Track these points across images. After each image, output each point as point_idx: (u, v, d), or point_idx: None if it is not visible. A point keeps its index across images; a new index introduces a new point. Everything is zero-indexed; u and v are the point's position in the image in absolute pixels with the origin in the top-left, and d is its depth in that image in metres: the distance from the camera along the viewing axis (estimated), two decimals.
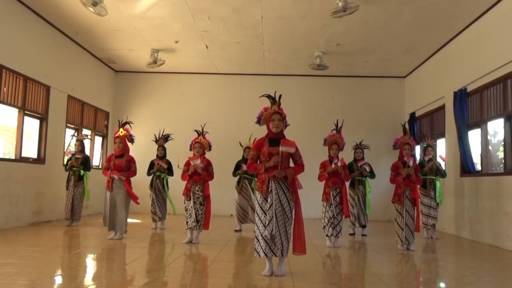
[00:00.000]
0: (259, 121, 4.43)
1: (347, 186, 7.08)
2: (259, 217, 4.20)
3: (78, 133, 8.71)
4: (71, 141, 8.75)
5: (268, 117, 4.37)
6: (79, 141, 8.24)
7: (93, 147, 10.63)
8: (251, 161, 4.36)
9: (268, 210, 4.15)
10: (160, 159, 7.97)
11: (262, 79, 11.58)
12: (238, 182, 7.84)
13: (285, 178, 4.24)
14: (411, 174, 6.02)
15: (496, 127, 7.75)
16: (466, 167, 7.77)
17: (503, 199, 6.56)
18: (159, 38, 9.09)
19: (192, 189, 6.11)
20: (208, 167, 6.19)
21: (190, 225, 6.08)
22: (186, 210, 6.15)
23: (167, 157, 8.11)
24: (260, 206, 4.22)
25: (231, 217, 7.90)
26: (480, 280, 4.33)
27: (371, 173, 7.77)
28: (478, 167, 7.73)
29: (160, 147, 8.06)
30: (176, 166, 8.31)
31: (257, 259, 5.05)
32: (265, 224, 4.13)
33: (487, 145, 7.60)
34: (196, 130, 6.40)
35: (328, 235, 6.28)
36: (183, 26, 8.38)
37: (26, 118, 7.88)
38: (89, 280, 3.98)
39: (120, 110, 11.63)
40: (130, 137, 6.58)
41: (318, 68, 9.80)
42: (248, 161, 4.42)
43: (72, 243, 6.27)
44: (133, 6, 7.51)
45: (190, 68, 11.26)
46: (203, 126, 6.42)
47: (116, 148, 6.44)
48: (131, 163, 6.46)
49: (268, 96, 4.49)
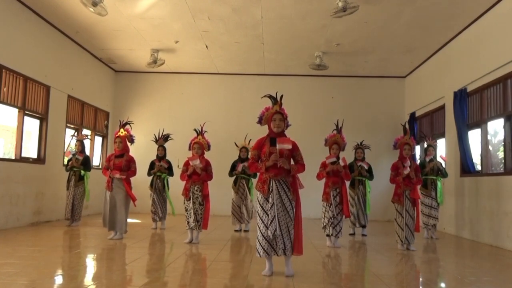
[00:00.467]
0: (260, 121, 4.44)
1: (348, 186, 7.10)
2: (260, 217, 4.20)
3: (78, 133, 8.71)
4: (71, 141, 8.75)
5: (269, 117, 4.37)
6: (79, 141, 8.24)
7: (93, 147, 10.63)
8: (252, 161, 4.36)
9: (269, 210, 4.15)
10: (160, 160, 7.97)
11: (262, 79, 11.58)
12: (235, 182, 7.84)
13: (286, 177, 4.24)
14: (412, 177, 6.02)
15: (496, 127, 7.75)
16: (466, 167, 7.77)
17: (503, 199, 6.56)
18: (159, 38, 9.09)
19: (191, 189, 6.11)
20: (207, 167, 6.20)
21: (191, 225, 6.09)
22: (186, 210, 6.16)
23: (167, 157, 8.12)
24: (261, 206, 4.22)
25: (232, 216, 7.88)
26: (480, 280, 4.33)
27: (370, 173, 7.77)
28: (478, 167, 7.73)
29: (160, 147, 8.06)
30: (176, 166, 8.31)
31: (257, 259, 5.05)
32: (266, 224, 4.13)
33: (487, 145, 7.60)
34: (195, 129, 6.40)
35: (328, 235, 6.28)
36: (183, 26, 8.38)
37: (26, 118, 7.88)
38: (89, 280, 3.98)
39: (120, 110, 11.63)
40: (130, 137, 6.58)
41: (318, 68, 9.80)
42: (249, 161, 4.43)
43: (72, 243, 6.27)
44: (133, 6, 7.51)
45: (190, 68, 11.26)
46: (202, 126, 6.42)
47: (116, 148, 6.44)
48: (131, 163, 6.46)
49: (270, 96, 4.49)
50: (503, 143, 6.95)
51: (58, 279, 3.92)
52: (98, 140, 11.20)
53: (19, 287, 3.49)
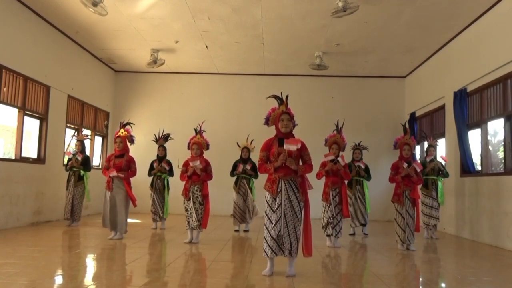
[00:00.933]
0: (267, 122, 4.42)
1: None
2: (268, 217, 4.20)
3: (79, 133, 8.71)
4: (71, 141, 8.75)
5: (276, 118, 4.36)
6: (79, 141, 8.24)
7: (93, 147, 10.63)
8: (261, 162, 4.34)
9: (276, 209, 4.15)
10: (160, 160, 7.97)
11: (262, 79, 11.59)
12: (236, 182, 7.84)
13: (295, 177, 4.23)
14: (412, 175, 6.01)
15: (496, 127, 7.75)
16: (466, 167, 7.77)
17: (503, 199, 6.56)
18: (159, 38, 9.09)
19: (191, 189, 6.12)
20: (207, 168, 6.20)
21: (192, 225, 6.09)
22: (187, 210, 6.16)
23: (167, 157, 8.12)
24: (269, 206, 4.22)
25: (232, 217, 7.88)
26: (480, 280, 4.33)
27: (367, 173, 7.77)
28: (478, 167, 7.73)
29: (161, 147, 8.07)
30: (176, 166, 8.31)
31: (257, 259, 5.06)
32: (273, 223, 4.13)
33: (487, 145, 7.60)
34: (194, 129, 6.40)
35: (328, 235, 6.28)
36: (183, 26, 8.38)
37: (26, 118, 7.88)
38: (89, 280, 3.98)
39: (120, 110, 11.63)
40: (131, 138, 6.59)
41: (318, 68, 9.80)
42: (258, 162, 4.39)
43: (72, 243, 6.27)
44: (133, 6, 7.51)
45: (190, 68, 11.26)
46: (201, 125, 6.42)
47: (117, 148, 6.44)
48: (131, 163, 6.47)
49: (276, 97, 4.47)
50: (503, 143, 6.95)
51: (58, 279, 3.92)
52: (98, 140, 11.20)
53: (19, 287, 3.49)
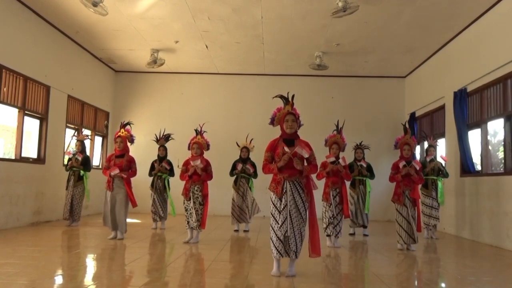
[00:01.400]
0: (272, 122, 4.41)
1: (348, 185, 7.09)
2: (274, 218, 4.19)
3: (79, 133, 8.70)
4: (71, 141, 8.75)
5: (281, 118, 4.34)
6: (79, 141, 8.23)
7: (93, 147, 10.63)
8: (265, 162, 4.33)
9: (282, 210, 4.14)
10: (160, 161, 7.97)
11: (262, 79, 11.59)
12: (236, 182, 7.85)
13: (300, 178, 4.23)
14: (412, 174, 6.00)
15: (496, 127, 7.75)
16: (466, 167, 7.77)
17: (503, 199, 6.56)
18: (159, 38, 9.09)
19: (191, 189, 6.12)
20: (207, 168, 6.20)
21: (192, 224, 6.10)
22: (186, 210, 6.17)
23: (168, 157, 8.12)
24: (275, 206, 4.21)
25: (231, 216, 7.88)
26: (480, 280, 4.33)
27: (371, 173, 7.77)
28: (478, 167, 7.72)
29: (161, 147, 8.07)
30: (176, 166, 8.32)
31: (257, 259, 5.07)
32: (279, 223, 4.12)
33: (487, 145, 7.59)
34: (195, 130, 6.41)
35: (328, 235, 6.28)
36: (183, 26, 8.38)
37: (26, 118, 7.88)
38: (89, 280, 3.98)
39: (120, 110, 11.63)
40: (131, 137, 6.59)
41: (318, 68, 9.80)
42: (263, 163, 4.37)
43: (72, 243, 6.27)
44: (133, 6, 7.51)
45: (190, 68, 11.26)
46: (202, 126, 6.42)
47: (117, 147, 6.44)
48: (131, 163, 6.47)
49: (281, 97, 4.46)
50: (503, 143, 6.95)
51: (58, 279, 3.92)
52: (98, 140, 11.20)
53: (19, 287, 3.49)
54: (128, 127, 6.66)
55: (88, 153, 8.53)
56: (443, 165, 7.79)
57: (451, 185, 8.32)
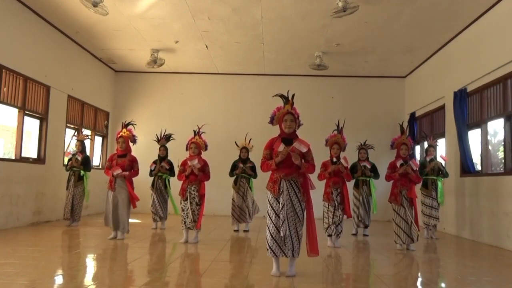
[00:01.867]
0: (272, 121, 4.41)
1: (350, 186, 7.09)
2: (270, 218, 4.19)
3: (79, 133, 8.70)
4: (71, 141, 8.74)
5: (280, 117, 4.34)
6: (79, 141, 8.23)
7: (93, 147, 10.63)
8: (264, 160, 4.32)
9: (280, 211, 4.13)
10: (161, 161, 7.97)
11: (262, 79, 11.58)
12: (236, 182, 7.85)
13: (297, 177, 4.23)
14: (409, 172, 6.00)
15: (496, 127, 7.75)
16: (466, 167, 7.77)
17: (503, 199, 6.56)
18: (159, 38, 9.09)
19: (188, 189, 6.12)
20: (205, 168, 6.20)
21: (188, 225, 6.09)
22: (183, 210, 6.16)
23: (168, 157, 8.12)
24: (271, 206, 4.21)
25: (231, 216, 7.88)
26: (480, 280, 4.33)
27: (375, 173, 7.75)
28: (478, 167, 7.72)
29: (162, 147, 8.07)
30: (176, 166, 8.32)
31: (257, 259, 5.07)
32: (276, 224, 4.11)
33: (487, 145, 7.59)
34: (194, 130, 6.41)
35: (329, 235, 6.28)
36: (183, 26, 8.38)
37: (26, 118, 7.88)
38: (89, 280, 3.98)
39: (120, 110, 11.63)
40: (133, 137, 6.60)
41: (318, 68, 9.80)
42: (261, 161, 4.37)
43: (72, 243, 6.27)
44: (133, 6, 7.51)
45: (190, 68, 11.26)
46: (200, 127, 6.43)
47: (119, 148, 6.44)
48: (133, 163, 6.47)
49: (281, 96, 4.45)
50: (503, 143, 6.95)
51: (58, 279, 3.92)
52: (98, 140, 11.20)
53: (19, 287, 3.49)
54: (130, 127, 6.66)
55: (88, 153, 8.53)
56: (443, 165, 7.79)
57: (451, 185, 8.32)
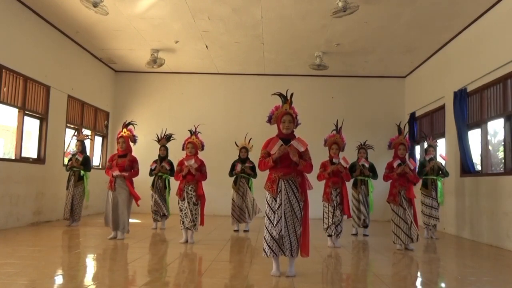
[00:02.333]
0: (270, 120, 4.38)
1: (349, 186, 7.09)
2: (268, 217, 4.19)
3: (79, 133, 8.70)
4: (71, 141, 8.74)
5: (278, 117, 4.32)
6: (79, 141, 8.23)
7: (93, 147, 10.63)
8: (261, 159, 4.32)
9: (277, 209, 4.13)
10: (161, 161, 7.97)
11: (262, 79, 11.58)
12: (235, 182, 7.85)
13: (295, 177, 4.23)
14: (407, 171, 6.00)
15: (496, 127, 7.75)
16: (466, 167, 7.77)
17: (503, 199, 6.56)
18: (159, 38, 9.09)
19: (185, 189, 6.12)
20: (202, 167, 6.20)
21: (187, 225, 6.09)
22: (181, 210, 6.15)
23: (168, 157, 8.12)
24: (269, 205, 4.21)
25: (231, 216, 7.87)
26: (480, 280, 4.33)
27: (373, 173, 7.75)
28: (478, 167, 7.72)
29: (162, 147, 8.08)
30: (176, 166, 8.32)
31: (257, 259, 5.06)
32: (273, 223, 4.11)
33: (487, 145, 7.59)
34: (189, 130, 6.41)
35: (329, 235, 6.28)
36: (183, 26, 8.38)
37: (26, 118, 7.88)
38: (89, 280, 3.98)
39: (120, 110, 11.63)
40: (133, 138, 6.60)
41: (318, 68, 9.80)
42: (259, 160, 4.36)
43: (72, 243, 6.27)
44: (133, 6, 7.51)
45: (190, 68, 11.26)
46: (196, 127, 6.43)
47: (119, 148, 6.44)
48: (133, 163, 6.47)
49: (280, 95, 4.42)
50: (503, 143, 6.95)
51: (58, 279, 3.92)
52: (98, 140, 11.20)
53: (19, 287, 3.49)
54: (130, 127, 6.66)
55: (88, 153, 8.52)
56: (443, 164, 7.79)
57: (451, 185, 8.32)
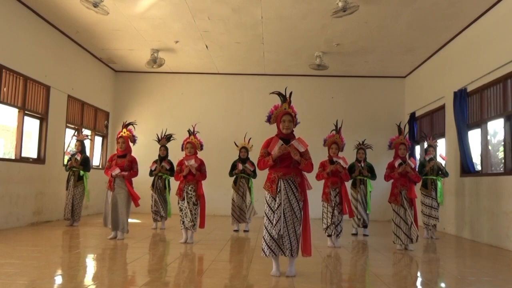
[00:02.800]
0: (269, 120, 4.37)
1: (348, 186, 7.09)
2: (267, 217, 4.18)
3: (79, 133, 8.70)
4: (71, 141, 8.74)
5: (278, 117, 4.31)
6: (79, 141, 8.23)
7: (93, 147, 10.63)
8: (261, 158, 4.31)
9: (276, 209, 4.13)
10: (161, 161, 7.97)
11: (262, 79, 11.58)
12: (235, 182, 7.85)
13: (295, 177, 4.23)
14: (408, 171, 6.00)
15: (496, 127, 7.75)
16: (466, 167, 7.77)
17: (503, 199, 6.56)
18: (159, 38, 9.09)
19: (185, 189, 6.12)
20: (201, 167, 6.21)
21: (187, 225, 6.09)
22: (181, 210, 6.16)
23: (168, 157, 8.12)
24: (269, 205, 4.20)
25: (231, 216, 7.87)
26: (480, 280, 4.33)
27: (372, 173, 7.76)
28: (478, 167, 7.72)
29: (162, 147, 8.08)
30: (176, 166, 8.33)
31: (257, 259, 5.06)
32: (273, 223, 4.11)
33: (487, 145, 7.59)
34: (188, 130, 6.41)
35: (329, 235, 6.28)
36: (183, 26, 8.38)
37: (26, 118, 7.88)
38: (89, 280, 3.98)
39: (120, 110, 11.63)
40: (133, 138, 6.60)
41: (318, 68, 9.80)
42: (258, 159, 4.34)
43: (72, 243, 6.27)
44: (133, 6, 7.51)
45: (190, 68, 11.26)
46: (194, 126, 6.43)
47: (119, 148, 6.44)
48: (133, 164, 6.47)
49: (279, 94, 4.41)
50: (503, 143, 6.95)
51: (58, 279, 3.92)
52: (98, 140, 11.20)
53: (19, 287, 3.49)
54: (130, 127, 6.66)
55: (88, 153, 8.52)
56: (443, 164, 7.79)
57: (451, 185, 8.32)
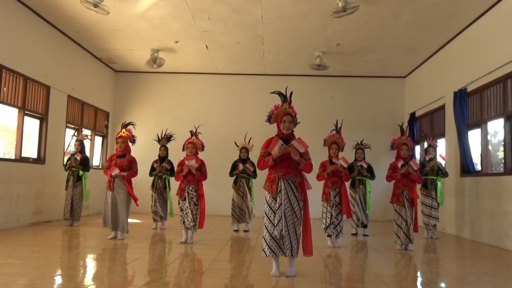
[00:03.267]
0: (269, 120, 4.36)
1: (347, 186, 7.10)
2: (268, 217, 4.18)
3: (78, 133, 8.70)
4: (71, 141, 8.74)
5: (278, 117, 4.30)
6: (79, 141, 8.23)
7: (93, 147, 10.63)
8: (261, 158, 4.30)
9: (277, 209, 4.13)
10: (161, 161, 7.97)
11: (262, 79, 11.58)
12: (235, 182, 7.85)
13: (295, 176, 4.23)
14: (411, 172, 6.00)
15: (496, 127, 7.76)
16: (466, 167, 7.77)
17: (503, 199, 6.56)
18: (159, 38, 9.09)
19: (186, 189, 6.12)
20: (202, 167, 6.21)
21: (187, 225, 6.09)
22: (182, 210, 6.16)
23: (168, 157, 8.12)
24: (269, 205, 4.20)
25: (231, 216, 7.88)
26: (480, 280, 4.34)
27: (371, 173, 7.76)
28: (478, 167, 7.73)
29: (162, 147, 8.07)
30: (176, 166, 8.33)
31: (257, 259, 5.06)
32: (274, 223, 4.11)
33: (487, 145, 7.60)
34: (190, 131, 6.42)
35: (329, 235, 6.28)
36: (183, 26, 8.38)
37: (26, 118, 7.88)
38: (89, 280, 3.98)
39: (120, 110, 11.63)
40: (132, 138, 6.60)
41: (318, 68, 9.80)
42: (258, 158, 4.34)
43: (72, 243, 6.27)
44: (133, 6, 7.51)
45: (190, 68, 11.26)
46: (197, 128, 6.43)
47: (118, 148, 6.44)
48: (132, 164, 6.47)
49: (279, 93, 4.40)
50: (503, 143, 6.95)
51: (58, 279, 3.92)
52: (98, 140, 11.20)
53: (19, 287, 3.49)
54: (130, 127, 6.66)
55: (88, 153, 8.52)
56: (443, 164, 7.79)
57: (451, 185, 8.32)
